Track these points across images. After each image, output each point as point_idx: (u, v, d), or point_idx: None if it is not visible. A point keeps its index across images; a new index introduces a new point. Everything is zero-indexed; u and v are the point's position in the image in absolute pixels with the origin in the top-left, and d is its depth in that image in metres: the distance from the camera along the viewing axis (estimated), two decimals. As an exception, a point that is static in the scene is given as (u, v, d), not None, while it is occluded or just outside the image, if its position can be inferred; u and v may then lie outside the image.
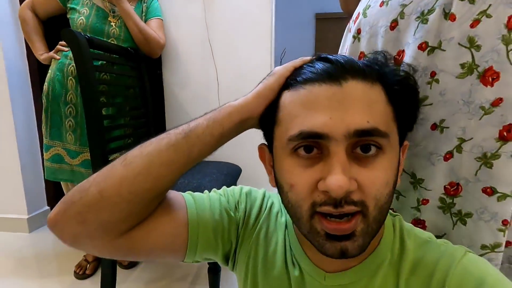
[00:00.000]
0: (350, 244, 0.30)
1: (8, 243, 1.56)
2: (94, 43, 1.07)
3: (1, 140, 1.63)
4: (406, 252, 0.37)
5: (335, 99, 0.29)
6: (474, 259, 0.35)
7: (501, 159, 0.51)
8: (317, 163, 0.30)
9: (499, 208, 0.52)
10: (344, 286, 0.37)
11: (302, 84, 0.31)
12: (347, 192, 0.28)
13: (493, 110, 0.51)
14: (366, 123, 0.29)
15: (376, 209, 0.30)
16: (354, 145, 0.30)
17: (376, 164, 0.30)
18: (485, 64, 0.51)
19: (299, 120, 0.31)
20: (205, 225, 0.41)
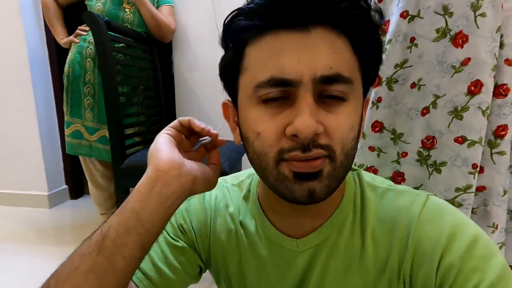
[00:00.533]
0: (317, 184, 0.30)
1: (31, 217, 1.69)
2: (112, 25, 1.16)
3: (24, 122, 1.75)
4: (368, 203, 0.36)
5: (302, 44, 0.28)
6: (436, 203, 0.35)
7: (470, 111, 0.59)
8: (284, 109, 0.30)
9: (470, 153, 0.60)
10: (315, 247, 0.37)
11: (269, 30, 0.29)
12: (314, 133, 0.28)
13: (462, 68, 0.59)
14: (330, 69, 0.28)
15: (342, 154, 0.30)
16: (320, 93, 0.29)
17: (341, 110, 0.30)
18: (456, 29, 0.59)
19: (268, 66, 0.29)
20: (168, 282, 0.39)
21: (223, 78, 0.36)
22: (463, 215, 0.34)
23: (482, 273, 0.29)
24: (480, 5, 0.57)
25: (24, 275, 1.18)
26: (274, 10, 0.29)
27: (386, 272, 0.35)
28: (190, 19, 1.55)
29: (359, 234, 0.36)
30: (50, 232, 1.57)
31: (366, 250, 0.36)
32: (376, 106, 0.70)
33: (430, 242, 0.32)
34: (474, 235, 0.31)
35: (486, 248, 0.31)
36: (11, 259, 1.29)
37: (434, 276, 0.31)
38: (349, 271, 0.36)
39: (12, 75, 1.72)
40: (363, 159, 0.74)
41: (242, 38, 0.31)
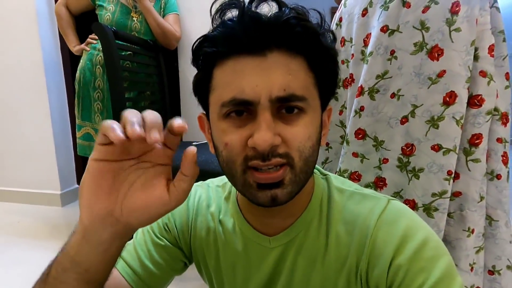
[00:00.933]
0: (279, 191, 0.32)
1: (44, 215, 1.79)
2: (119, 35, 1.24)
3: (39, 125, 1.86)
4: (334, 205, 0.39)
5: (260, 68, 0.31)
6: (395, 208, 0.37)
7: (445, 120, 0.63)
8: (247, 123, 0.32)
9: (445, 161, 0.64)
10: (286, 244, 0.40)
11: (231, 55, 0.33)
12: (271, 145, 0.30)
13: (438, 80, 0.62)
14: (283, 90, 0.31)
15: (301, 160, 0.32)
16: (278, 107, 0.32)
17: (298, 122, 0.32)
18: (432, 42, 0.62)
19: (230, 88, 0.32)
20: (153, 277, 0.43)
21: (196, 95, 0.39)
22: (418, 219, 0.37)
23: (428, 273, 0.32)
24: (455, 20, 0.60)
25: (38, 269, 1.25)
26: (233, 38, 0.32)
27: (345, 269, 0.38)
28: (194, 26, 1.62)
29: (324, 233, 0.39)
30: (62, 229, 1.66)
31: (329, 248, 0.38)
32: (359, 114, 0.73)
33: (384, 243, 0.35)
34: (424, 238, 0.34)
35: (435, 250, 0.33)
36: (26, 253, 1.38)
37: (386, 276, 0.34)
38: (314, 267, 0.39)
39: (28, 80, 1.83)
40: (348, 165, 0.78)
41: (209, 62, 0.35)
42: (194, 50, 0.36)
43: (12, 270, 1.25)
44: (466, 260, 0.67)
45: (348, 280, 0.38)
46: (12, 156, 1.96)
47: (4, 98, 1.90)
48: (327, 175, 0.43)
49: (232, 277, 0.44)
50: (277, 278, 0.42)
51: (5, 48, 1.83)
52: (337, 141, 0.88)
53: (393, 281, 0.33)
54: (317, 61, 0.34)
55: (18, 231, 1.59)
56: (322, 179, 0.43)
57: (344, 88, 0.83)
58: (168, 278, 0.46)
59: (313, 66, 0.34)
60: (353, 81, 0.78)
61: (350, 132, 0.74)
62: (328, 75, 0.37)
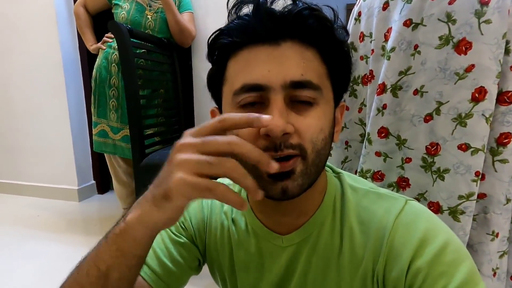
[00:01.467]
0: (290, 183, 0.32)
1: (62, 209, 1.84)
2: (134, 33, 1.25)
3: (57, 122, 1.91)
4: (348, 204, 0.38)
5: (273, 55, 0.32)
6: (413, 209, 0.36)
7: (474, 118, 0.59)
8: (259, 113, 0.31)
9: (473, 161, 0.60)
10: (299, 244, 0.39)
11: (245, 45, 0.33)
12: (283, 131, 0.30)
13: (466, 75, 0.59)
14: (301, 75, 0.31)
15: (313, 152, 0.32)
16: (291, 98, 0.32)
17: (311, 113, 0.32)
18: (459, 36, 0.58)
19: (242, 74, 0.33)
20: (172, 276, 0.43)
21: (210, 88, 0.40)
22: (438, 221, 0.36)
23: (449, 278, 0.30)
24: (485, 12, 0.56)
25: (56, 261, 1.30)
26: (247, 28, 0.33)
27: (361, 271, 0.36)
28: (208, 24, 1.61)
29: (339, 233, 0.38)
30: (79, 223, 1.70)
31: (344, 248, 0.38)
32: (382, 113, 0.70)
33: (402, 245, 0.34)
34: (445, 241, 0.33)
35: (456, 254, 0.32)
36: (45, 246, 1.42)
37: (404, 278, 0.33)
38: (328, 267, 0.38)
39: (48, 79, 1.88)
40: (370, 165, 0.75)
41: (224, 54, 0.35)
42: (209, 44, 0.37)
43: (30, 262, 1.29)
44: (489, 265, 0.64)
45: (364, 283, 0.37)
46: (32, 152, 2.02)
47: (24, 96, 1.96)
48: (340, 173, 0.42)
49: (245, 276, 0.44)
50: (290, 278, 0.41)
51: (26, 48, 1.89)
52: (357, 139, 0.85)
53: (412, 284, 0.32)
54: (330, 53, 0.34)
55: (37, 225, 1.65)
56: (335, 177, 0.42)
57: (363, 85, 0.80)
58: (186, 278, 0.46)
59: (326, 58, 0.34)
60: (372, 78, 0.75)
61: (372, 131, 0.71)
62: (341, 68, 0.36)
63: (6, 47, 1.92)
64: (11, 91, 1.98)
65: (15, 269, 1.25)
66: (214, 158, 0.25)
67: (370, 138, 0.74)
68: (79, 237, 1.52)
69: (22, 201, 1.96)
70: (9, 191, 2.10)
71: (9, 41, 1.91)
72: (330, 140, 0.35)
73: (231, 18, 0.36)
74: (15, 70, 1.94)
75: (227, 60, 0.35)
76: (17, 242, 1.45)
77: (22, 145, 2.04)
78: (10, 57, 1.93)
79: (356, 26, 0.82)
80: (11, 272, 1.23)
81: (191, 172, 0.25)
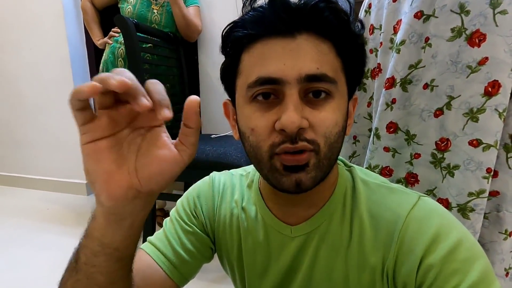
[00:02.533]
0: (304, 175, 0.32)
1: (71, 203, 1.87)
2: (140, 27, 1.24)
3: (65, 117, 1.93)
4: (359, 197, 0.38)
5: (288, 48, 0.31)
6: (426, 204, 0.36)
7: (486, 112, 0.57)
8: (274, 107, 0.32)
9: (484, 157, 0.58)
10: (307, 234, 0.39)
11: (260, 38, 0.33)
12: (299, 127, 0.30)
13: (479, 68, 0.57)
14: (316, 69, 0.31)
15: (326, 146, 0.32)
16: (306, 90, 0.32)
17: (325, 107, 0.32)
18: (473, 27, 0.56)
19: (257, 68, 0.32)
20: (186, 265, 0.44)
21: (224, 81, 0.40)
22: (453, 218, 0.35)
23: (463, 276, 0.30)
24: (501, 2, 0.54)
25: (65, 253, 1.32)
26: (263, 20, 0.33)
27: (370, 264, 0.36)
28: (214, 18, 1.60)
29: (348, 226, 0.38)
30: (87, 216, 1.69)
31: (353, 241, 0.37)
32: (390, 107, 0.69)
33: (414, 241, 0.33)
34: (459, 238, 0.32)
35: (470, 252, 0.31)
36: (55, 238, 1.45)
37: (415, 275, 0.32)
38: (336, 260, 0.38)
39: (56, 74, 1.90)
40: (379, 160, 0.74)
41: (238, 46, 0.35)
42: (223, 36, 0.37)
43: (41, 254, 1.32)
44: (501, 264, 0.62)
45: (373, 278, 0.36)
46: (41, 146, 2.06)
47: (33, 91, 1.98)
48: (352, 167, 0.42)
49: (252, 265, 0.44)
50: (297, 268, 0.41)
51: (34, 44, 1.90)
52: (365, 134, 0.84)
53: (423, 281, 0.32)
54: (345, 46, 0.34)
55: (48, 218, 1.68)
56: (347, 171, 0.42)
57: (372, 79, 0.79)
58: (199, 265, 0.47)
59: (341, 52, 0.34)
60: (380, 71, 0.73)
61: (381, 126, 0.70)
62: (355, 62, 0.36)
63: (15, 43, 1.94)
64: (20, 86, 2.01)
65: (28, 260, 1.27)
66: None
67: (378, 133, 0.72)
68: (86, 230, 1.55)
69: (32, 194, 1.99)
70: (18, 184, 2.15)
71: (17, 37, 1.93)
72: (343, 133, 0.35)
73: (246, 10, 0.35)
74: (23, 65, 1.96)
75: (241, 53, 0.35)
76: (28, 234, 1.49)
77: (31, 139, 2.07)
78: (19, 52, 1.95)
79: (366, 18, 0.80)
80: (25, 263, 1.25)
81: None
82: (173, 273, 0.43)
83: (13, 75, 2.00)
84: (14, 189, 2.13)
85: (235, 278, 0.48)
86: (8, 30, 1.94)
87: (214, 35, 1.61)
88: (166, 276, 0.42)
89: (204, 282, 1.10)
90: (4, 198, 1.98)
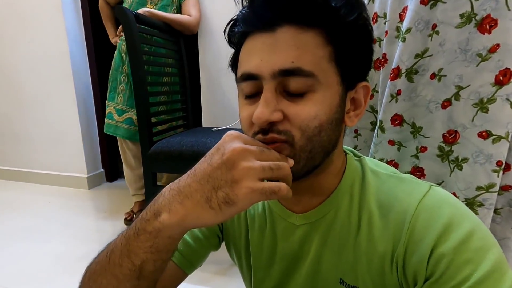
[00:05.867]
0: None
1: (73, 196, 1.87)
2: (141, 19, 1.22)
3: (65, 111, 1.92)
4: (368, 187, 0.38)
5: (267, 43, 0.32)
6: (438, 194, 0.35)
7: (497, 102, 0.54)
8: (256, 101, 0.33)
9: (494, 150, 0.56)
10: (313, 223, 0.39)
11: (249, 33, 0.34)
12: (267, 121, 0.31)
13: (490, 56, 0.54)
14: (291, 63, 0.31)
15: (303, 139, 0.32)
16: (284, 85, 0.32)
17: (304, 100, 0.32)
18: (483, 13, 0.54)
19: (243, 63, 0.34)
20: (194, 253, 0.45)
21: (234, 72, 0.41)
22: (465, 208, 0.34)
23: (475, 266, 0.29)
24: (514, -15, 0.51)
25: (67, 245, 1.34)
26: (245, 17, 0.34)
27: (379, 254, 0.35)
28: (215, 10, 1.57)
29: (356, 215, 0.38)
30: (89, 209, 1.73)
31: (361, 231, 0.37)
32: (396, 99, 0.66)
33: (425, 229, 0.32)
34: (472, 227, 0.31)
35: (483, 241, 0.31)
36: (57, 231, 1.46)
37: (425, 264, 0.31)
38: (344, 249, 0.38)
39: (56, 69, 1.88)
40: (383, 154, 0.72)
41: (237, 42, 0.36)
42: (225, 33, 0.38)
43: (44, 247, 1.33)
44: (513, 262, 0.60)
45: (383, 267, 0.36)
46: (42, 141, 2.05)
47: (33, 85, 1.97)
48: (361, 157, 0.42)
49: (259, 253, 0.44)
50: (304, 256, 0.41)
51: (33, 39, 1.89)
52: (367, 127, 0.81)
53: (434, 271, 0.31)
54: (336, 33, 0.32)
55: (50, 211, 1.68)
56: (356, 161, 0.41)
57: (375, 70, 0.76)
58: (206, 254, 0.48)
59: (331, 39, 0.32)
60: (386, 62, 0.70)
61: (385, 118, 0.67)
62: (351, 48, 0.34)
63: (14, 37, 1.93)
64: (19, 80, 1.99)
65: (29, 253, 1.28)
66: (274, 164, 0.30)
67: (382, 126, 0.70)
68: (90, 222, 1.56)
69: (33, 188, 2.00)
70: (19, 178, 2.15)
71: (16, 31, 1.91)
72: (333, 125, 0.34)
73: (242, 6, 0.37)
74: (22, 59, 1.94)
75: (240, 48, 0.36)
76: (30, 228, 1.49)
77: (31, 133, 2.06)
78: (18, 46, 1.93)
79: (369, 6, 0.77)
80: (26, 256, 1.26)
81: (257, 178, 0.29)
82: (181, 261, 0.44)
83: (12, 68, 1.99)
84: (15, 183, 2.13)
85: (242, 266, 0.48)
86: (6, 23, 1.92)
87: (214, 28, 1.59)
88: (173, 264, 0.43)
89: (208, 274, 1.10)
90: (5, 192, 1.98)
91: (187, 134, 1.25)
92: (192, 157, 1.16)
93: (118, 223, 1.52)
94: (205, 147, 1.11)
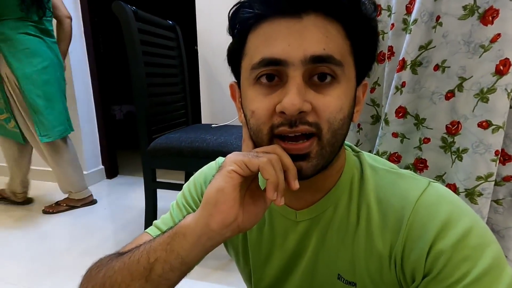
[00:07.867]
0: (304, 164, 0.32)
1: (71, 195, 1.87)
2: (139, 15, 1.21)
3: (64, 108, 1.91)
4: (366, 183, 0.38)
5: (294, 29, 0.30)
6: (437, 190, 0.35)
7: (497, 92, 0.56)
8: (276, 90, 0.32)
9: (493, 139, 0.57)
10: (312, 219, 0.39)
11: (266, 18, 0.32)
12: (299, 110, 0.30)
13: (491, 46, 0.55)
14: (322, 50, 0.30)
15: (329, 132, 0.31)
16: (311, 73, 0.31)
17: (330, 91, 0.31)
18: (486, 5, 0.55)
19: (261, 48, 0.32)
20: None
21: (230, 63, 0.39)
22: (464, 204, 0.34)
23: (473, 262, 0.29)
24: (515, -23, 0.52)
25: (68, 239, 1.37)
26: (269, 0, 0.31)
27: (377, 250, 0.35)
28: (213, 6, 1.57)
29: (355, 211, 0.37)
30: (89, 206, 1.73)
31: (360, 227, 0.37)
32: (400, 91, 0.67)
33: (423, 226, 0.32)
34: (470, 224, 0.31)
35: (481, 239, 0.31)
36: (58, 226, 1.47)
37: (424, 261, 0.31)
38: (342, 246, 0.38)
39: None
40: (387, 146, 0.72)
41: (245, 27, 0.34)
42: (230, 17, 0.35)
43: (46, 242, 1.34)
44: (517, 251, 0.62)
45: (381, 264, 0.35)
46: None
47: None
48: (360, 152, 0.41)
49: (257, 249, 0.44)
50: (302, 253, 0.41)
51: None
52: (368, 121, 0.82)
53: (432, 268, 0.31)
54: (355, 29, 0.32)
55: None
56: (354, 156, 0.41)
57: (378, 63, 0.77)
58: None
59: (350, 34, 0.32)
60: (392, 55, 0.71)
61: (390, 111, 0.68)
62: (366, 45, 0.34)
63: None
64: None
65: (30, 249, 1.28)
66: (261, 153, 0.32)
67: (387, 118, 0.71)
68: (89, 219, 1.56)
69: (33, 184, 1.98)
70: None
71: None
72: (349, 120, 0.34)
73: None
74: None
75: (248, 34, 0.34)
76: (30, 224, 1.49)
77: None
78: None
79: None
80: (27, 252, 1.26)
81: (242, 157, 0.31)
82: None
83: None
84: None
85: (239, 262, 0.48)
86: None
87: (213, 25, 1.58)
88: None
89: (207, 269, 1.11)
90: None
91: (186, 131, 1.25)
92: (191, 154, 1.16)
93: (118, 220, 1.52)
94: (204, 144, 1.11)
